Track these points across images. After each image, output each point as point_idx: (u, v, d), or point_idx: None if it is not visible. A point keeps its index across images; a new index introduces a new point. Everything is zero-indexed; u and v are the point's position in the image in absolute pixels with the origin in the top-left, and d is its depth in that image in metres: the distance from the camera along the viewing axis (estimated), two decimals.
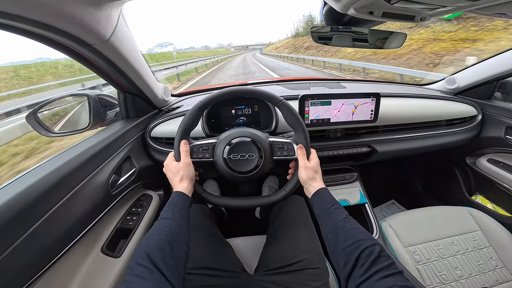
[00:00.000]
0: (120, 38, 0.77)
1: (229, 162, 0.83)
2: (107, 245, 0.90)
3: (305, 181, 0.78)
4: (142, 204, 1.09)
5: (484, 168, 1.38)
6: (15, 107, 6.98)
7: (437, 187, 1.78)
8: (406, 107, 1.29)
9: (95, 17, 0.63)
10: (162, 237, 0.57)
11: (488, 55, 1.26)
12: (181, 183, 0.74)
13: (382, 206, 1.90)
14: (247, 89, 0.91)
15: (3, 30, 0.54)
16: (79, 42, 0.67)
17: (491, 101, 1.37)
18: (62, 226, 0.69)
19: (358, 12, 0.65)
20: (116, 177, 0.94)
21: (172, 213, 0.64)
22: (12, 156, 3.51)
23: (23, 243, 0.58)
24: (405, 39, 0.93)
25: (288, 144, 0.86)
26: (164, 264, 0.51)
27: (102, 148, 0.89)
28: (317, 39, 0.97)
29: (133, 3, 0.80)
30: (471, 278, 0.95)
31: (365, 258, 0.52)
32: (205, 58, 30.25)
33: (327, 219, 0.67)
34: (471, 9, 0.63)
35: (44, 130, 0.94)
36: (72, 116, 1.11)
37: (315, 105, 1.09)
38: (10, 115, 6.54)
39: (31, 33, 0.60)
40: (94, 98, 1.02)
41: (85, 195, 0.78)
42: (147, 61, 1.01)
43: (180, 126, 0.83)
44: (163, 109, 1.25)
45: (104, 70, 0.88)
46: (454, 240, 1.05)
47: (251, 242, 1.02)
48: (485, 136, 1.36)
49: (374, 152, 1.26)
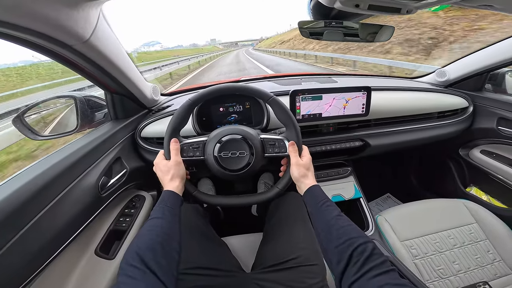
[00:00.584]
0: (101, 38, 0.76)
1: (220, 160, 0.82)
2: (101, 247, 0.89)
3: (297, 179, 0.77)
4: (135, 205, 1.09)
5: (477, 159, 1.38)
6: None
7: (432, 179, 1.79)
8: (397, 100, 1.29)
9: (72, 18, 0.62)
10: (153, 237, 0.56)
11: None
12: (171, 182, 0.74)
13: (377, 200, 1.91)
14: (237, 86, 0.90)
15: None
16: (58, 43, 0.66)
17: (482, 92, 1.37)
18: (52, 230, 0.68)
19: (344, 5, 0.64)
20: (106, 179, 0.93)
21: (163, 213, 0.64)
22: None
23: (11, 248, 0.57)
24: (393, 32, 0.93)
25: (279, 141, 0.85)
26: (156, 264, 0.50)
27: (90, 150, 0.88)
28: (308, 35, 0.96)
29: (115, 3, 0.79)
30: (470, 272, 0.95)
31: (358, 256, 0.52)
32: (183, 59, 22.07)
33: (319, 216, 0.66)
34: (457, 1, 0.63)
35: (31, 134, 0.92)
36: (60, 119, 1.09)
37: (306, 100, 1.08)
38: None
39: (8, 36, 0.58)
40: (81, 99, 1.01)
41: (74, 198, 0.77)
42: (133, 60, 0.99)
43: (169, 125, 0.82)
44: (153, 109, 1.24)
45: (88, 71, 0.87)
46: (450, 233, 1.05)
47: (247, 240, 1.02)
48: (477, 127, 1.37)
49: (367, 146, 1.26)
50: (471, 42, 7.38)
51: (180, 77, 13.39)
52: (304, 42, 23.08)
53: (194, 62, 20.94)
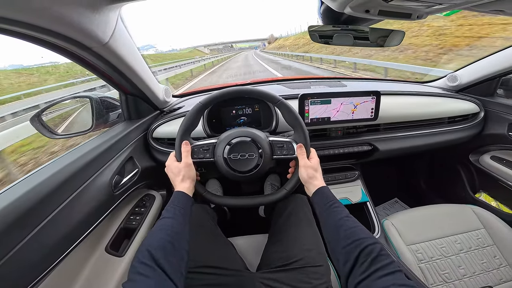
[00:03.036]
0: (119, 41, 0.79)
1: (229, 162, 0.83)
2: (111, 244, 0.92)
3: (306, 180, 0.78)
4: (145, 204, 1.11)
5: (487, 165, 1.37)
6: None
7: (440, 185, 1.77)
8: (408, 105, 1.29)
9: (93, 21, 0.65)
10: (164, 236, 0.58)
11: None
12: (182, 183, 0.76)
13: (385, 205, 1.89)
14: (246, 89, 0.91)
15: (4, 35, 0.56)
16: (79, 46, 0.69)
17: (494, 98, 1.35)
18: (67, 227, 0.70)
19: (354, 11, 0.65)
20: (119, 177, 0.95)
21: (174, 213, 0.66)
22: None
23: (28, 243, 0.59)
24: (403, 37, 0.93)
25: (288, 143, 0.86)
26: (166, 262, 0.52)
27: (105, 149, 0.90)
28: (317, 38, 0.97)
29: (132, 6, 0.81)
30: (475, 276, 0.95)
31: (365, 256, 0.52)
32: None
33: (327, 217, 0.67)
34: (468, 6, 0.63)
35: (48, 132, 0.95)
36: (75, 118, 1.12)
37: (315, 104, 1.09)
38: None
39: (32, 38, 0.61)
40: (97, 100, 1.03)
41: (89, 196, 0.79)
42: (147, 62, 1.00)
43: (181, 127, 0.84)
44: (164, 110, 1.26)
45: (105, 72, 0.90)
46: (457, 239, 1.04)
47: (253, 241, 1.03)
48: (488, 133, 1.35)
49: (375, 151, 1.26)
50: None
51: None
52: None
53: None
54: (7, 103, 9.83)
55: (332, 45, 0.98)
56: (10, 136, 3.29)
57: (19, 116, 7.18)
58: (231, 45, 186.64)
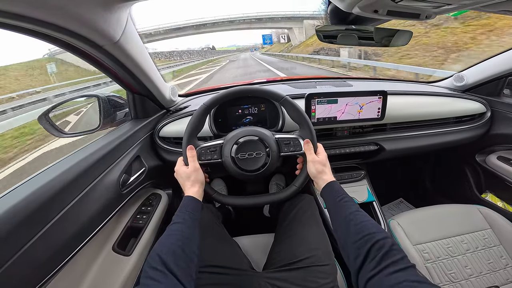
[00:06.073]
0: (129, 39, 0.79)
1: (237, 161, 0.84)
2: (118, 243, 0.92)
3: (315, 175, 0.78)
4: (152, 203, 1.11)
5: (494, 165, 1.36)
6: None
7: (447, 185, 1.76)
8: (414, 104, 1.28)
9: (106, 19, 0.65)
10: (174, 241, 0.59)
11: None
12: (192, 188, 0.76)
13: (390, 205, 1.89)
14: (250, 89, 0.92)
15: (18, 32, 0.57)
16: (90, 44, 0.69)
17: (500, 98, 1.35)
18: (75, 225, 0.70)
19: (363, 11, 0.65)
20: (126, 176, 0.96)
21: (183, 218, 0.66)
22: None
23: (37, 242, 0.59)
24: (411, 37, 0.92)
25: (294, 139, 0.86)
26: (176, 266, 0.53)
27: (113, 148, 0.90)
28: (322, 38, 0.97)
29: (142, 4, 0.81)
30: (481, 276, 0.94)
31: (376, 251, 0.52)
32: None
33: (337, 212, 0.67)
34: (477, 6, 0.63)
35: (55, 131, 0.96)
36: (83, 117, 1.13)
37: (321, 103, 1.09)
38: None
39: (46, 36, 0.62)
40: (104, 99, 1.04)
41: (97, 195, 0.80)
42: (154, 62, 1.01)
43: (186, 130, 0.85)
44: (170, 109, 1.27)
45: (114, 71, 0.90)
46: (464, 239, 1.04)
47: (259, 240, 1.03)
48: (495, 133, 1.34)
49: (382, 150, 1.26)
50: None
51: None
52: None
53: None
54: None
55: (337, 44, 0.98)
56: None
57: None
58: (211, 47, 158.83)
